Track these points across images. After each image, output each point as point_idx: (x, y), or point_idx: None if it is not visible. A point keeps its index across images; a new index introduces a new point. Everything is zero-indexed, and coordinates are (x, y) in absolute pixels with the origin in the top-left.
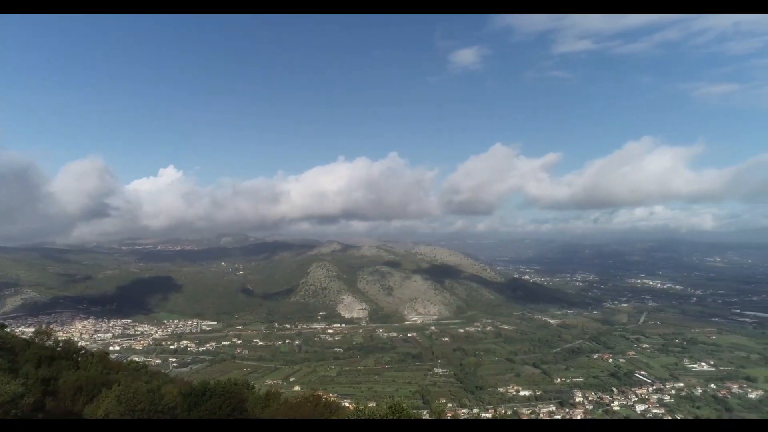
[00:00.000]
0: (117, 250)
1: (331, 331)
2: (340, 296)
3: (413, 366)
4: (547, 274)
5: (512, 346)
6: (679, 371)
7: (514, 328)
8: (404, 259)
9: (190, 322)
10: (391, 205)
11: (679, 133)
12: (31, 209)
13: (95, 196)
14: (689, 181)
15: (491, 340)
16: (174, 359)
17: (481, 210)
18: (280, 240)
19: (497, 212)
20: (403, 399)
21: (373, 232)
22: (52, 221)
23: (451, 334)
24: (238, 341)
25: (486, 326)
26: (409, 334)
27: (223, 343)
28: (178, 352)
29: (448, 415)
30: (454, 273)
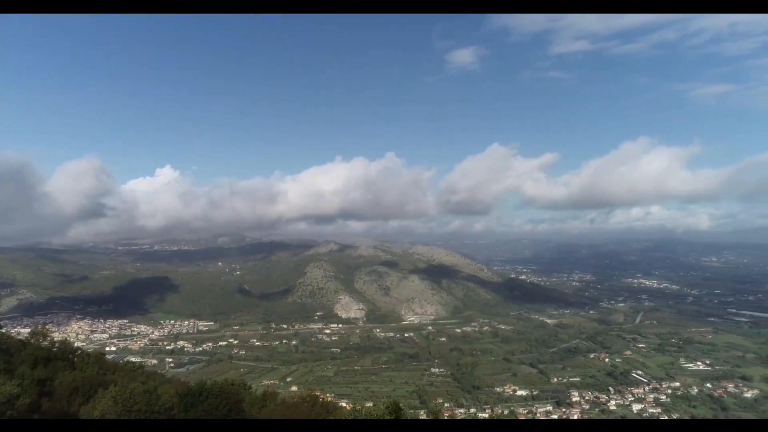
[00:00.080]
0: (113, 250)
1: (328, 331)
2: (337, 296)
3: (410, 366)
4: (543, 274)
5: (509, 345)
6: (676, 371)
7: (511, 328)
8: (401, 259)
9: (187, 323)
10: (388, 205)
11: (675, 133)
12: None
13: (92, 196)
14: (685, 182)
15: (488, 340)
16: (171, 360)
17: (478, 210)
18: (277, 240)
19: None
20: (400, 399)
21: (371, 232)
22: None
23: (448, 334)
24: (235, 341)
25: (483, 326)
26: (406, 334)
27: (220, 344)
28: (174, 352)
29: (445, 415)
30: (451, 273)
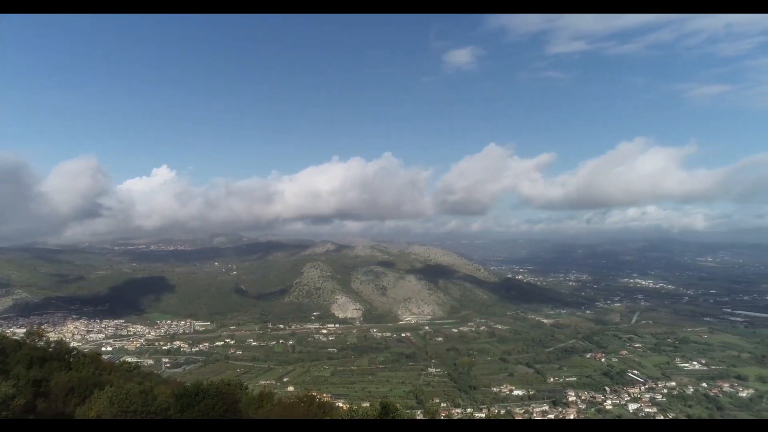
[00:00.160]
0: (109, 250)
1: (324, 331)
2: (334, 296)
3: (407, 366)
4: (540, 274)
5: (506, 345)
6: (671, 370)
7: (508, 328)
8: (398, 259)
9: (183, 323)
10: (385, 205)
11: (671, 133)
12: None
13: (88, 196)
14: (681, 182)
15: (485, 340)
16: (167, 360)
17: (475, 210)
18: (274, 240)
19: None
20: (396, 399)
21: (367, 232)
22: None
23: (445, 334)
24: (232, 342)
25: (479, 326)
26: (402, 334)
27: (217, 344)
28: (171, 352)
29: (442, 414)
30: (448, 273)
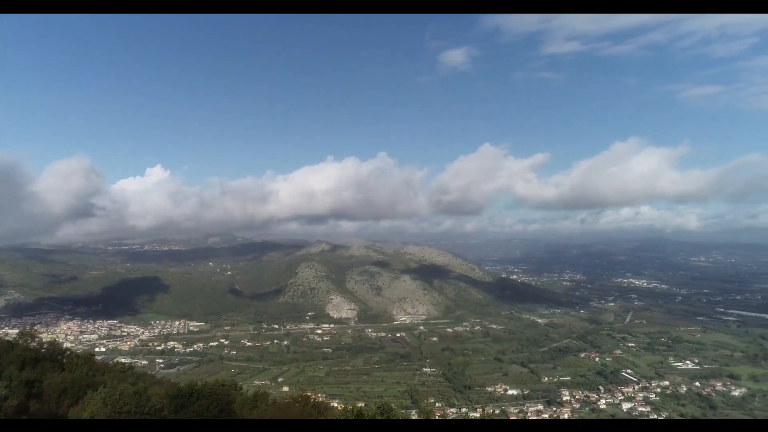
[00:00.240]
0: (103, 250)
1: (319, 332)
2: (329, 296)
3: (402, 366)
4: (534, 274)
5: (500, 345)
6: (665, 369)
7: (503, 328)
8: (393, 259)
9: (178, 323)
10: (380, 205)
11: (665, 134)
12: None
13: (81, 195)
14: (675, 182)
15: (479, 340)
16: (161, 360)
17: (470, 210)
18: (269, 240)
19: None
20: (391, 399)
21: (362, 232)
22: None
23: (440, 334)
24: (226, 342)
25: (474, 326)
26: (397, 334)
27: (211, 344)
28: (165, 353)
29: (437, 414)
30: (443, 273)
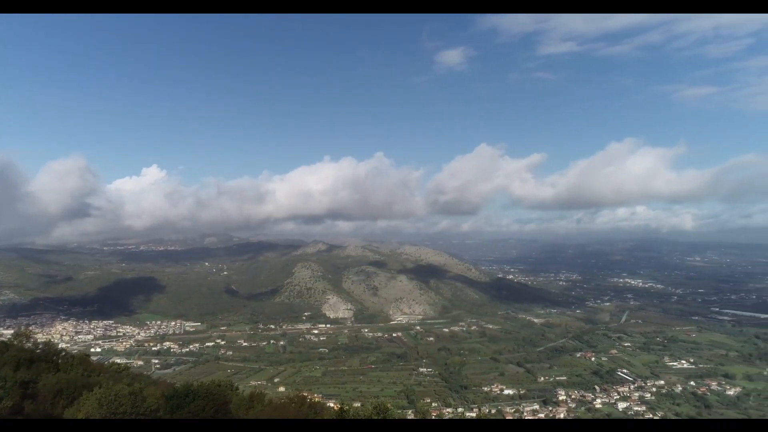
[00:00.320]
0: (98, 250)
1: (316, 332)
2: (325, 296)
3: (398, 366)
4: (531, 274)
5: (497, 345)
6: (660, 369)
7: (499, 328)
8: (389, 259)
9: (174, 323)
10: (376, 205)
11: (661, 134)
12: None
13: (76, 195)
14: (670, 182)
15: (476, 340)
16: (157, 361)
17: (466, 210)
18: (265, 240)
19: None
20: (388, 399)
21: (359, 232)
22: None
23: (436, 334)
24: (222, 342)
25: (471, 326)
26: (394, 334)
27: (207, 344)
28: (160, 353)
29: (433, 414)
30: (439, 273)
